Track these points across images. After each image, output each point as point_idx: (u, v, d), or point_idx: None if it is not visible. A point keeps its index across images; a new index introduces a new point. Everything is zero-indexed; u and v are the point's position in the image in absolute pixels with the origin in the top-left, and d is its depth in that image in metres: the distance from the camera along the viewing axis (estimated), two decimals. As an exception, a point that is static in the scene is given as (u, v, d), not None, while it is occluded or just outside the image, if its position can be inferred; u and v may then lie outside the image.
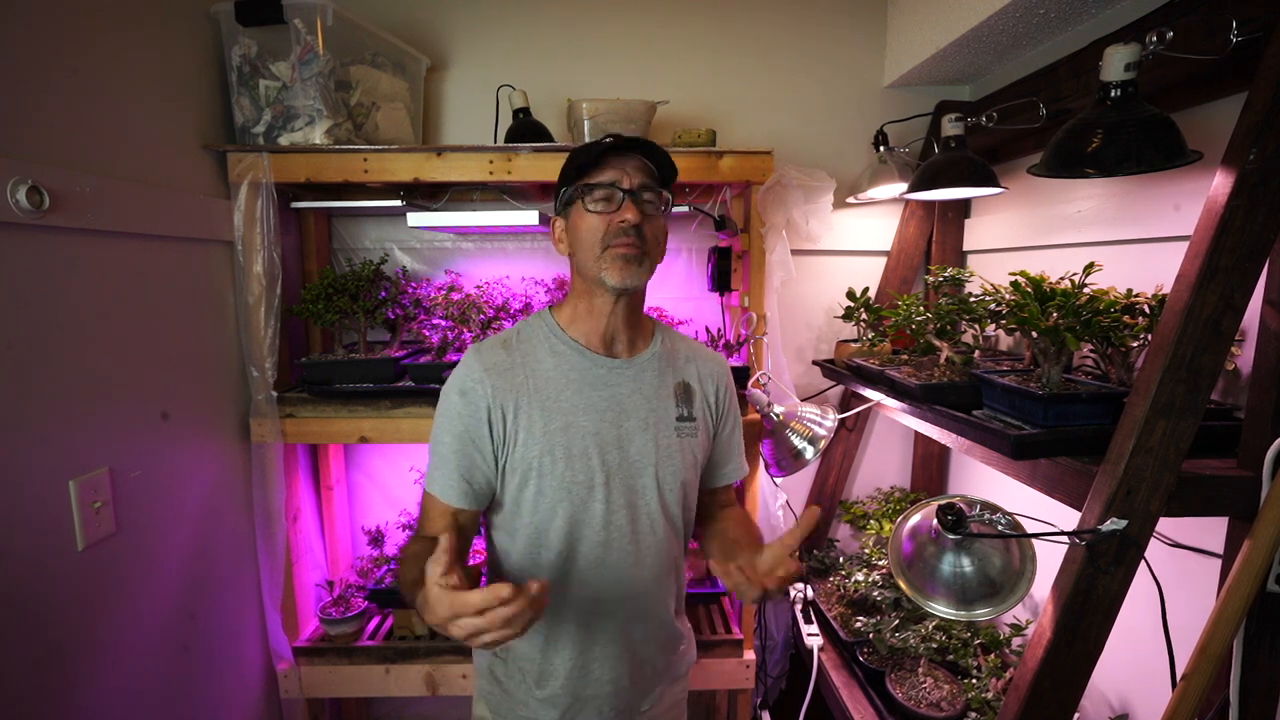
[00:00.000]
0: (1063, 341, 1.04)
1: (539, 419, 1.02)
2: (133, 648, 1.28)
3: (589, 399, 1.05)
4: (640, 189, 1.01)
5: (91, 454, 1.19)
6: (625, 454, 1.05)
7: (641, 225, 1.01)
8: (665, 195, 1.06)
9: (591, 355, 1.07)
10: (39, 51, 1.12)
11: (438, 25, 1.91)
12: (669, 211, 1.08)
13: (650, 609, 1.10)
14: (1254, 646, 0.93)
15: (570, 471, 1.02)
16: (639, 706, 1.14)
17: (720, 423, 1.18)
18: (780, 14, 1.95)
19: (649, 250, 1.03)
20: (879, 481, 2.16)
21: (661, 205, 1.05)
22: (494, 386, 1.02)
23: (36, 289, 1.09)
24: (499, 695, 1.12)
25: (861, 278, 1.97)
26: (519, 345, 1.07)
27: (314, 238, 1.86)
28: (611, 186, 1.01)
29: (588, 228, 1.02)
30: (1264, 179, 0.86)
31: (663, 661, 1.15)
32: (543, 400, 1.03)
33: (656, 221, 1.04)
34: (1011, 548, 1.00)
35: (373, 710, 2.16)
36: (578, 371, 1.06)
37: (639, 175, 1.02)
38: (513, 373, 1.04)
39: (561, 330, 1.08)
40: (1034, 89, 1.44)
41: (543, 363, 1.06)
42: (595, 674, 1.08)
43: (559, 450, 1.02)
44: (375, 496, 2.06)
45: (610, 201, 1.01)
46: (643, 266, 1.02)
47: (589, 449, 1.03)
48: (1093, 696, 1.43)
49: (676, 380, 1.12)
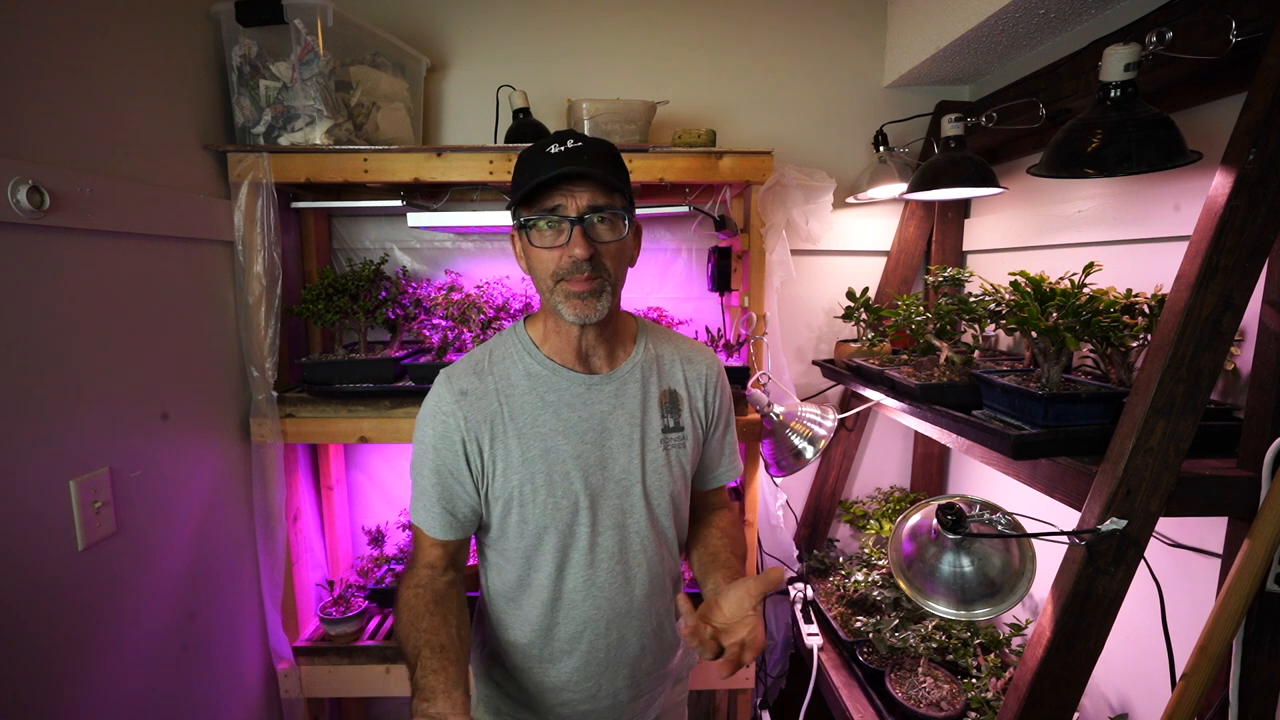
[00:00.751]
0: (1063, 341, 1.04)
1: (516, 447, 0.98)
2: (133, 647, 1.28)
3: (567, 421, 0.99)
4: (590, 211, 0.90)
5: (91, 454, 1.19)
6: (609, 474, 1.01)
7: (596, 255, 0.91)
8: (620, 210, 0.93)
9: (567, 373, 1.01)
10: (39, 51, 1.12)
11: (438, 25, 1.91)
12: (630, 221, 0.96)
13: (645, 625, 1.07)
14: (1254, 646, 0.93)
15: (552, 499, 0.98)
16: (643, 717, 1.13)
17: (711, 427, 1.12)
18: (780, 14, 1.95)
19: (609, 277, 0.94)
20: (879, 481, 2.16)
21: (619, 220, 0.94)
22: (466, 418, 0.97)
23: (36, 289, 1.09)
24: (499, 699, 1.11)
25: (861, 278, 1.97)
26: (491, 369, 1.01)
27: (314, 238, 1.86)
28: (554, 214, 0.91)
29: (538, 260, 0.94)
30: (1264, 179, 0.86)
31: (661, 670, 1.13)
32: (519, 427, 0.98)
33: (615, 244, 0.94)
34: (1011, 548, 1.00)
35: (373, 710, 2.16)
36: (554, 393, 1.00)
37: (586, 195, 0.90)
38: (485, 400, 0.98)
39: (535, 348, 1.02)
40: (1034, 89, 1.44)
41: (517, 386, 1.00)
42: (592, 690, 1.06)
43: (539, 478, 0.98)
44: (375, 496, 2.06)
45: (557, 232, 0.92)
46: (601, 299, 0.94)
47: (570, 473, 0.98)
48: (1093, 696, 1.43)
49: (662, 389, 1.06)
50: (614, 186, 0.92)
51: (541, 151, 0.92)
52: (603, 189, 0.91)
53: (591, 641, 1.03)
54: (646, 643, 1.08)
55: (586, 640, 1.03)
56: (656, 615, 1.08)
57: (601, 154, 0.93)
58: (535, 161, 0.91)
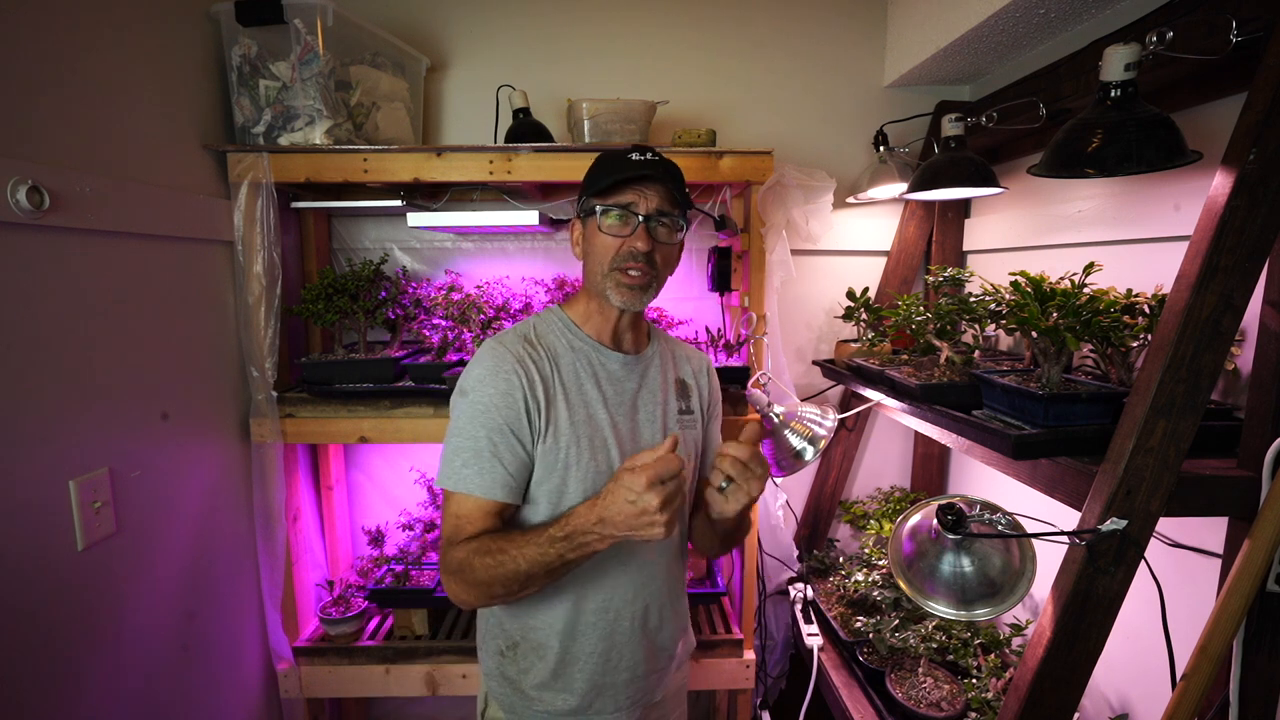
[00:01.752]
0: (1063, 341, 1.04)
1: (564, 411, 1.04)
2: (133, 647, 1.28)
3: (605, 392, 1.08)
4: (656, 214, 1.02)
5: (91, 454, 1.19)
6: (639, 446, 1.09)
7: (652, 252, 1.02)
8: (679, 221, 1.06)
9: (606, 351, 1.10)
10: (39, 51, 1.12)
11: (438, 25, 1.91)
12: (686, 231, 1.08)
13: (667, 594, 1.13)
14: (1254, 646, 0.93)
15: (594, 463, 1.04)
16: (652, 695, 1.16)
17: (709, 418, 1.23)
18: (780, 14, 1.95)
19: (658, 275, 1.05)
20: (879, 481, 2.16)
21: (676, 230, 1.06)
22: (528, 376, 1.02)
23: (36, 289, 1.09)
24: (512, 695, 1.12)
25: (861, 278, 1.97)
26: (539, 340, 1.08)
27: (314, 238, 1.85)
28: (627, 210, 1.02)
29: (600, 245, 1.04)
30: (1264, 179, 0.86)
31: (673, 647, 1.18)
32: (567, 393, 1.05)
33: (669, 247, 1.05)
34: (1011, 548, 1.00)
35: (373, 710, 2.16)
36: (594, 366, 1.09)
37: (656, 199, 1.02)
38: (541, 364, 1.04)
39: (576, 326, 1.11)
40: (1034, 89, 1.44)
41: (563, 356, 1.07)
42: (614, 661, 1.09)
43: (584, 441, 1.04)
44: (375, 496, 2.06)
45: (625, 224, 1.02)
46: (648, 292, 1.05)
47: (608, 440, 1.06)
48: (1093, 696, 1.43)
49: (676, 376, 1.18)
50: (678, 201, 1.04)
51: (624, 156, 1.03)
52: (670, 199, 1.03)
53: (619, 609, 1.08)
54: (665, 614, 1.14)
55: (614, 608, 1.08)
56: (676, 584, 1.16)
57: (674, 173, 1.05)
58: (618, 163, 1.03)
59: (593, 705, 1.09)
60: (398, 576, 1.75)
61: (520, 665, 1.10)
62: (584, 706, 1.09)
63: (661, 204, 1.02)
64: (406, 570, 1.76)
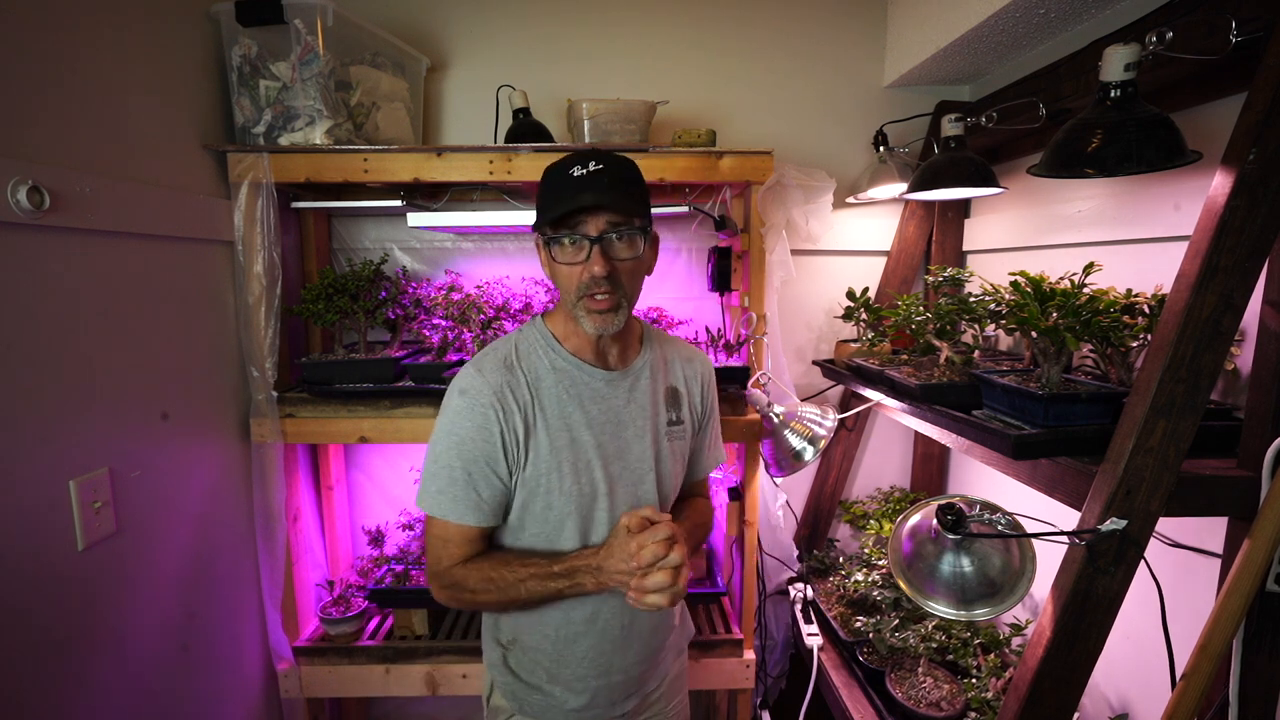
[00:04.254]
0: (1063, 341, 1.04)
1: (544, 437, 1.03)
2: (133, 647, 1.28)
3: (589, 413, 1.06)
4: (608, 230, 0.96)
5: (91, 454, 1.19)
6: (626, 463, 1.08)
7: (613, 273, 0.97)
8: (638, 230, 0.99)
9: (589, 369, 1.07)
10: (39, 51, 1.12)
11: (438, 25, 1.91)
12: (649, 239, 1.03)
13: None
14: (1254, 646, 0.93)
15: (576, 486, 1.04)
16: (648, 684, 1.18)
17: (703, 421, 1.22)
18: (780, 14, 1.95)
19: (626, 293, 1.00)
20: (879, 481, 2.16)
21: (637, 238, 0.99)
22: (504, 410, 1.01)
23: (36, 289, 1.09)
24: (514, 684, 1.14)
25: (861, 278, 1.97)
26: (519, 362, 1.05)
27: (314, 238, 1.85)
28: (575, 233, 0.96)
29: (562, 274, 1.00)
30: (1264, 179, 0.86)
31: (668, 640, 1.20)
32: (547, 419, 1.04)
33: (631, 261, 1.00)
34: (1011, 548, 1.00)
35: (373, 710, 2.16)
36: (578, 387, 1.06)
37: (605, 215, 0.96)
38: (520, 391, 1.03)
39: (558, 344, 1.08)
40: (1034, 89, 1.44)
41: (544, 379, 1.05)
42: (606, 664, 1.11)
43: (565, 466, 1.04)
44: (375, 496, 2.06)
45: (578, 250, 0.97)
46: (619, 313, 1.00)
47: (592, 461, 1.05)
48: (1093, 696, 1.43)
49: (666, 386, 1.16)
50: (633, 208, 0.97)
51: (565, 173, 0.96)
52: (622, 208, 0.96)
53: (608, 619, 1.09)
54: (657, 617, 1.14)
55: (603, 619, 1.09)
56: None
57: (622, 177, 0.97)
58: (559, 184, 0.96)
59: (592, 700, 1.12)
60: (398, 576, 1.75)
61: (519, 660, 1.13)
62: (582, 701, 1.11)
63: (613, 217, 0.96)
64: (407, 570, 1.76)
